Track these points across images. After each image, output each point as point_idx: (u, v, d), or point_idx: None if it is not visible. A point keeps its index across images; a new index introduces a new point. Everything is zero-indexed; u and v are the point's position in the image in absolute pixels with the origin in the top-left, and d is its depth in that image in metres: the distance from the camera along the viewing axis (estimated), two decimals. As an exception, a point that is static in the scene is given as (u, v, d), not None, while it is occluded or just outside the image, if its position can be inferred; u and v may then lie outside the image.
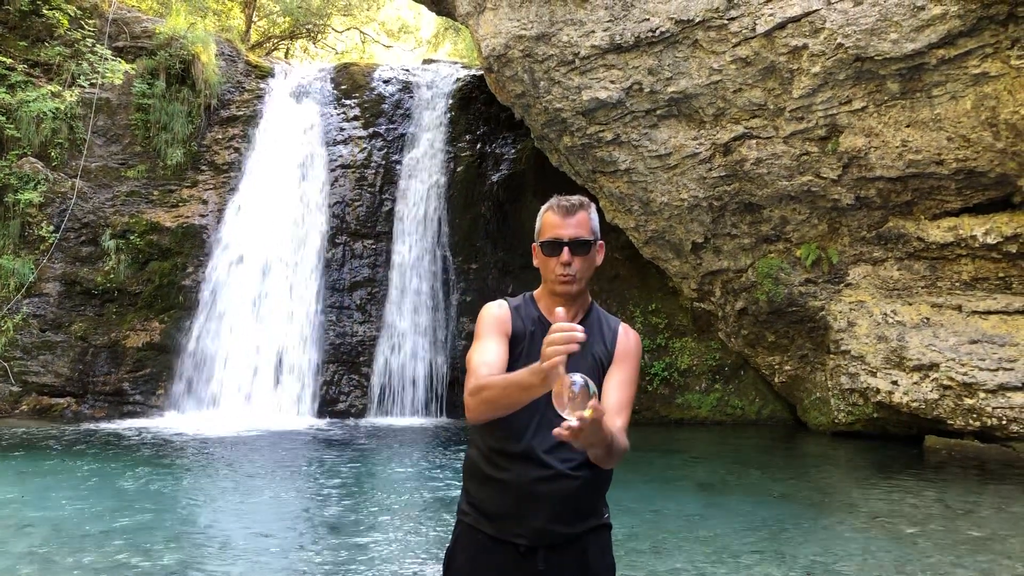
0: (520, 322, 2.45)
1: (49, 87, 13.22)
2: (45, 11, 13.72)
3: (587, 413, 1.91)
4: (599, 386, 2.37)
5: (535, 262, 2.50)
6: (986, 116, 8.77)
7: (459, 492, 2.54)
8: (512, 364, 2.37)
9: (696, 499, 7.78)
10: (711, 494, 8.05)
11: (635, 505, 7.17)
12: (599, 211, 12.96)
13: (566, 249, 2.38)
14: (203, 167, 14.47)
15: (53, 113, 12.99)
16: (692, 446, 11.52)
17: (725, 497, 7.89)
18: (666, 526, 6.59)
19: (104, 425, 11.42)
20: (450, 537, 2.54)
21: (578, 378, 1.97)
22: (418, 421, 12.66)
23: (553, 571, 2.32)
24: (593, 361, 2.42)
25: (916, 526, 6.79)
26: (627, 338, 2.51)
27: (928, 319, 10.13)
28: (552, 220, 2.43)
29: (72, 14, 13.91)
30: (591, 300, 2.56)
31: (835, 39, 8.93)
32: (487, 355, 2.35)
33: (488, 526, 2.38)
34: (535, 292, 2.56)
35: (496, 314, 2.47)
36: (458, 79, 16.32)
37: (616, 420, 2.29)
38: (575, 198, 2.47)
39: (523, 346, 2.41)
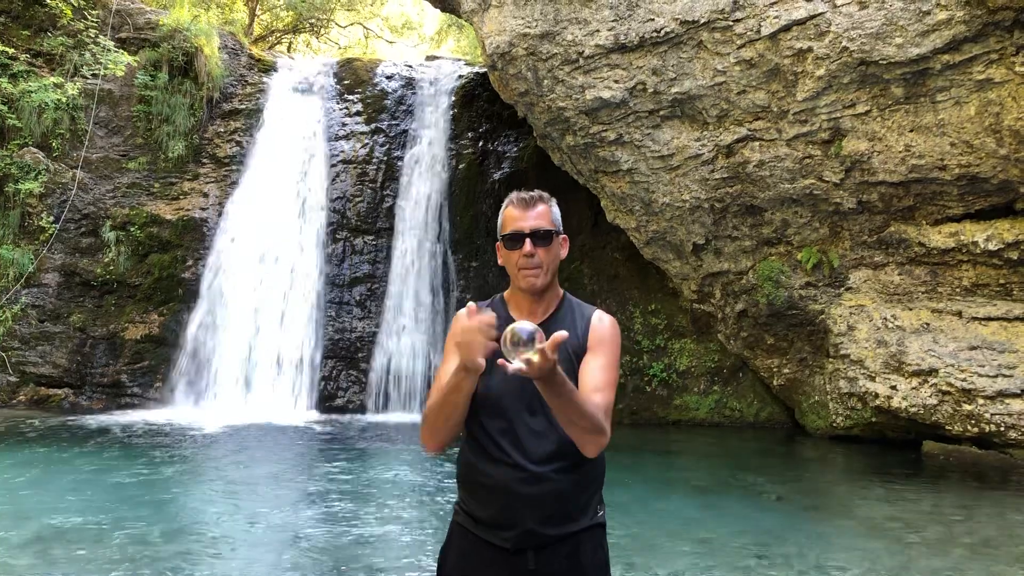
0: None
1: (51, 78, 13.20)
2: (48, 1, 13.70)
3: (533, 356, 1.93)
4: (574, 379, 2.37)
5: (500, 260, 2.50)
6: (990, 122, 8.76)
7: (455, 489, 2.55)
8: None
9: (693, 501, 7.77)
10: (709, 496, 8.04)
11: (632, 507, 7.16)
12: (595, 211, 13.00)
13: (527, 240, 2.38)
14: (204, 160, 14.45)
15: (55, 104, 12.97)
16: (690, 448, 11.51)
17: (723, 500, 7.88)
18: (663, 528, 6.58)
19: (102, 417, 11.40)
20: (445, 535, 2.54)
21: (527, 326, 2.00)
22: (416, 417, 12.62)
23: (543, 570, 2.32)
24: (566, 353, 2.38)
25: (913, 531, 6.78)
26: (601, 324, 2.47)
27: (928, 324, 10.13)
28: (512, 214, 2.43)
29: (75, 4, 13.89)
30: (563, 292, 2.55)
31: (840, 42, 8.91)
32: (444, 379, 2.36)
33: (477, 528, 2.39)
34: (505, 293, 2.56)
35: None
36: (461, 76, 16.30)
37: (594, 396, 2.26)
38: (535, 192, 2.49)
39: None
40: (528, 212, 2.42)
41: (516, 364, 1.96)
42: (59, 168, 13.18)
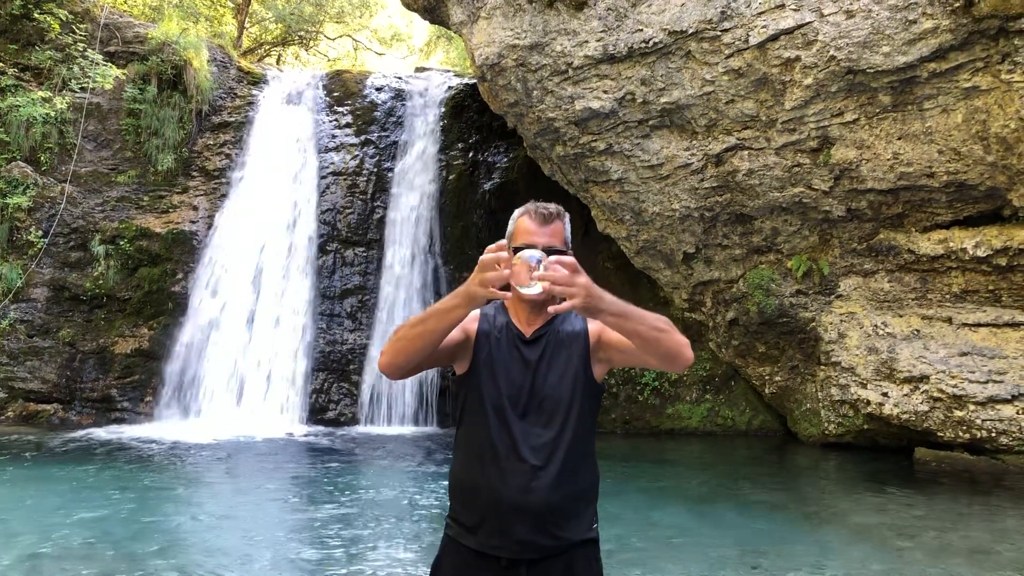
0: (487, 324, 2.48)
1: (40, 92, 13.15)
2: (36, 15, 13.66)
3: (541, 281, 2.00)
4: (588, 377, 2.44)
5: None
6: (977, 129, 8.81)
7: (447, 502, 2.53)
8: (474, 367, 2.41)
9: (687, 510, 7.76)
10: (702, 505, 8.03)
11: (626, 516, 7.14)
12: (585, 221, 13.02)
13: None
14: (194, 173, 14.41)
15: (43, 118, 12.92)
16: (683, 457, 11.50)
17: (716, 508, 7.88)
18: (657, 537, 6.57)
19: (91, 432, 11.31)
20: (437, 549, 2.53)
21: (534, 252, 2.05)
22: (408, 430, 12.60)
23: None
24: (580, 354, 2.45)
25: (906, 538, 6.79)
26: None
27: (918, 331, 10.16)
28: (528, 227, 2.41)
29: (64, 18, 13.85)
30: None
31: (827, 51, 8.95)
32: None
33: (470, 540, 2.37)
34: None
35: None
36: (450, 87, 16.33)
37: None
38: (552, 206, 2.47)
39: (488, 351, 2.43)
40: (544, 228, 2.39)
41: (535, 288, 2.04)
42: (48, 182, 13.12)
